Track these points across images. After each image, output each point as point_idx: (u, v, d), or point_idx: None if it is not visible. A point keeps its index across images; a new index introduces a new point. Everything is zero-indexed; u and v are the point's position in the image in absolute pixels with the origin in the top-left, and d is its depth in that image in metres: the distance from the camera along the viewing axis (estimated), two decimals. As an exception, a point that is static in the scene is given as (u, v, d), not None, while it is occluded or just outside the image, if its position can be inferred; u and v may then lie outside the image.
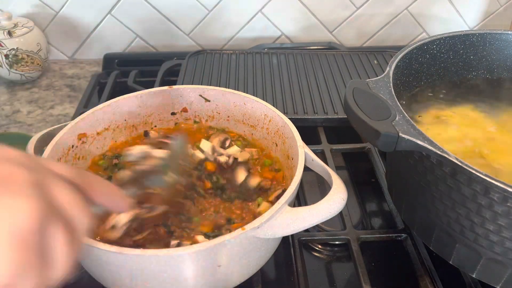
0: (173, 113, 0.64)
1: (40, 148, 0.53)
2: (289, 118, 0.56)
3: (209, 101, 0.63)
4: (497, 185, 0.38)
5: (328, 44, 1.02)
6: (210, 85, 0.70)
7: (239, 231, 0.41)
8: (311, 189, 0.68)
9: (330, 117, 0.76)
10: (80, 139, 0.56)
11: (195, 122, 0.65)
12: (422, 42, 0.58)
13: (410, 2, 1.04)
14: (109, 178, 0.56)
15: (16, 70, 0.91)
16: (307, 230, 0.52)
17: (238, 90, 0.62)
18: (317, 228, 0.60)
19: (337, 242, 0.59)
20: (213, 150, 0.58)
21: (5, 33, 0.88)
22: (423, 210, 0.50)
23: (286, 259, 0.56)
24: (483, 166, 0.50)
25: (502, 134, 0.55)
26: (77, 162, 0.56)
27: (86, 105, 0.85)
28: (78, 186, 0.31)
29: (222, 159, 0.57)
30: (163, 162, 0.49)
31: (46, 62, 0.96)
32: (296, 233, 0.49)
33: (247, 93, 0.62)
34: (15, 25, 0.90)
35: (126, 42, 1.05)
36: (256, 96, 0.61)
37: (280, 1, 1.01)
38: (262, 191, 0.54)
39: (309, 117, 0.76)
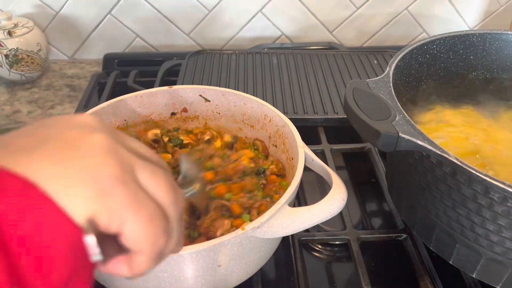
0: (173, 113, 0.64)
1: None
2: (289, 118, 0.56)
3: (209, 101, 0.63)
4: (497, 185, 0.38)
5: (328, 44, 1.02)
6: (210, 85, 0.70)
7: (239, 231, 0.41)
8: (311, 189, 0.68)
9: (330, 117, 0.76)
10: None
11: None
12: (422, 42, 0.58)
13: (410, 2, 1.04)
14: None
15: (16, 70, 0.91)
16: (307, 230, 0.52)
17: (238, 90, 0.62)
18: (317, 228, 0.60)
19: (337, 242, 0.59)
20: None
21: (5, 33, 0.88)
22: (423, 210, 0.50)
23: (286, 259, 0.56)
24: (483, 166, 0.50)
25: (502, 134, 0.55)
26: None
27: (86, 105, 0.84)
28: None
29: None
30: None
31: (46, 62, 0.96)
32: (296, 233, 0.49)
33: (247, 93, 0.62)
34: (15, 25, 0.90)
35: (126, 42, 1.05)
36: (256, 96, 0.61)
37: (280, 1, 1.01)
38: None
39: (309, 117, 0.76)
